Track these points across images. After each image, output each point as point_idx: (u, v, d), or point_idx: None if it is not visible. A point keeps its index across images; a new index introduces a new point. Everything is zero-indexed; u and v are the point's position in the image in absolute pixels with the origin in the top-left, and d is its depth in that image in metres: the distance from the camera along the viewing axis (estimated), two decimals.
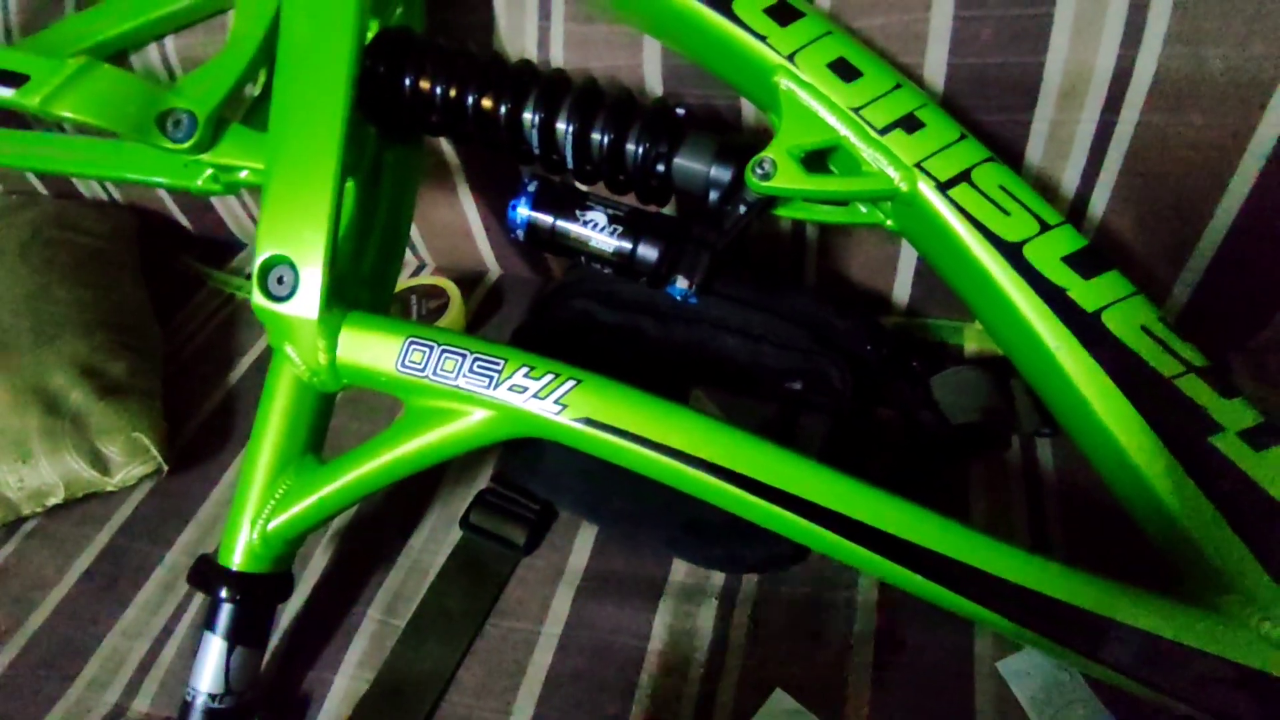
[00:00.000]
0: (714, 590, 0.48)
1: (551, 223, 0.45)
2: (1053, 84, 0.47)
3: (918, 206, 0.41)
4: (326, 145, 0.44)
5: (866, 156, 0.42)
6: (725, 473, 0.39)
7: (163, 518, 0.57)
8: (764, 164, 0.43)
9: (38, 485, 0.55)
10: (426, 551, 0.52)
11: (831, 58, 0.43)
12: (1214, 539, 0.36)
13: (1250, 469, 0.35)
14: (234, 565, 0.44)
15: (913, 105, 0.41)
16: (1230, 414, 0.36)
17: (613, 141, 0.45)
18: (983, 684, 0.42)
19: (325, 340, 0.44)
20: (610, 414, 0.40)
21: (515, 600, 0.49)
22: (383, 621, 0.49)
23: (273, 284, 0.44)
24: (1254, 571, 0.35)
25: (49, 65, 0.46)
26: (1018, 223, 0.39)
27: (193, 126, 0.47)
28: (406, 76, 0.47)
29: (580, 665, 0.46)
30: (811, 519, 0.38)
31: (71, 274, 0.66)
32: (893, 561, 0.37)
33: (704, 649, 0.45)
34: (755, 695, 0.43)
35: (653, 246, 0.44)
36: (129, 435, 0.56)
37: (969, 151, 0.41)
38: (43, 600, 0.53)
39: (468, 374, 0.42)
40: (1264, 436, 0.35)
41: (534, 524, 0.52)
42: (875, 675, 0.43)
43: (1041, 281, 0.39)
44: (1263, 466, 0.35)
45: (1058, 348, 0.39)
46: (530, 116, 0.46)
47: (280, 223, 0.44)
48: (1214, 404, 0.36)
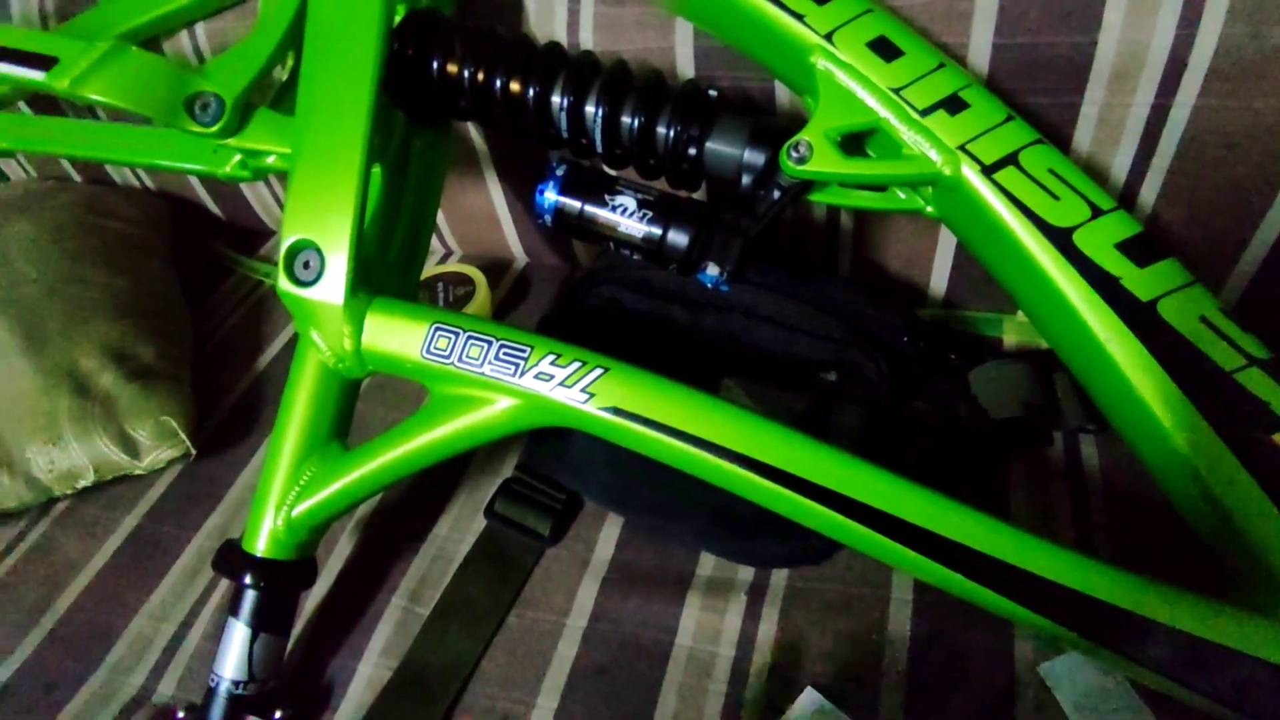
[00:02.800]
0: (743, 585, 0.47)
1: (580, 208, 0.45)
2: (1104, 65, 0.45)
3: (960, 191, 0.40)
4: (353, 129, 0.44)
5: (907, 139, 0.40)
6: (756, 465, 0.38)
7: (190, 502, 0.57)
8: (799, 147, 0.41)
9: (68, 467, 0.55)
10: (451, 540, 0.52)
11: (871, 36, 0.41)
12: (1273, 540, 0.34)
13: None
14: (258, 551, 0.44)
15: (956, 86, 0.40)
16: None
17: (643, 125, 0.44)
18: (1023, 687, 0.41)
19: (351, 326, 0.43)
20: (638, 403, 0.39)
21: (540, 591, 0.49)
22: (407, 609, 0.49)
23: (299, 269, 0.43)
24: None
25: (78, 48, 0.46)
26: (1068, 208, 0.38)
27: (220, 110, 0.47)
28: (434, 60, 0.46)
29: (605, 659, 0.45)
30: (845, 514, 0.37)
31: (103, 259, 0.66)
32: (931, 559, 0.36)
33: (732, 645, 0.44)
34: (785, 693, 0.42)
35: (683, 232, 0.43)
36: (158, 419, 0.56)
37: (1016, 133, 0.39)
38: (71, 581, 0.53)
39: (493, 361, 0.41)
40: None
41: (559, 514, 0.51)
42: (910, 676, 0.42)
43: (1092, 269, 0.37)
44: None
45: (1108, 338, 0.37)
46: (559, 100, 0.45)
47: (306, 207, 0.44)
48: (1277, 399, 0.34)
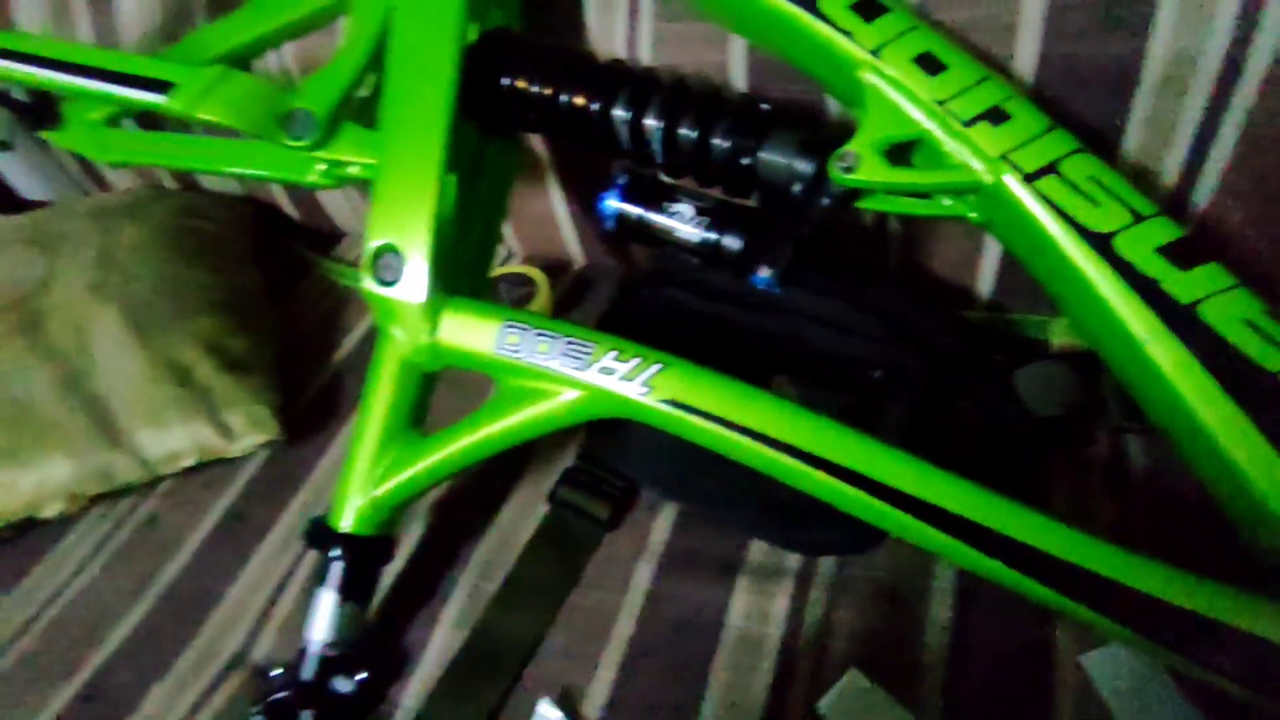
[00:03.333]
0: (791, 571, 0.49)
1: (640, 214, 0.48)
2: (1154, 71, 0.46)
3: (1002, 198, 0.42)
4: (432, 142, 0.48)
5: (950, 149, 0.42)
6: (805, 455, 0.40)
7: (278, 483, 0.62)
8: (847, 157, 0.44)
9: (172, 449, 0.61)
10: (516, 523, 0.56)
11: (916, 52, 0.43)
12: None
13: None
14: (344, 528, 0.49)
15: (999, 97, 0.42)
16: None
17: (700, 136, 0.47)
18: (1063, 676, 0.43)
19: (428, 323, 0.47)
20: (694, 396, 0.43)
21: (599, 572, 0.52)
22: (475, 585, 0.53)
23: (382, 270, 0.48)
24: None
25: (192, 74, 0.51)
26: (1108, 213, 0.39)
27: (312, 125, 0.51)
28: (505, 76, 0.50)
29: (660, 636, 0.48)
30: (893, 504, 0.39)
31: (199, 259, 0.72)
32: (974, 547, 0.38)
33: (780, 627, 0.47)
34: (830, 674, 0.45)
35: (737, 237, 0.46)
36: (250, 407, 0.62)
37: (1057, 143, 0.41)
38: (175, 552, 0.59)
39: (560, 356, 0.45)
40: None
41: (618, 501, 0.54)
42: (951, 661, 0.44)
43: (1132, 273, 0.39)
44: None
45: (1147, 340, 0.38)
46: (621, 113, 0.48)
47: (390, 213, 0.48)
48: None
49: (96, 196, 0.84)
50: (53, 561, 0.59)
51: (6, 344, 0.63)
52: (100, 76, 0.53)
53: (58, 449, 0.59)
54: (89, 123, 0.60)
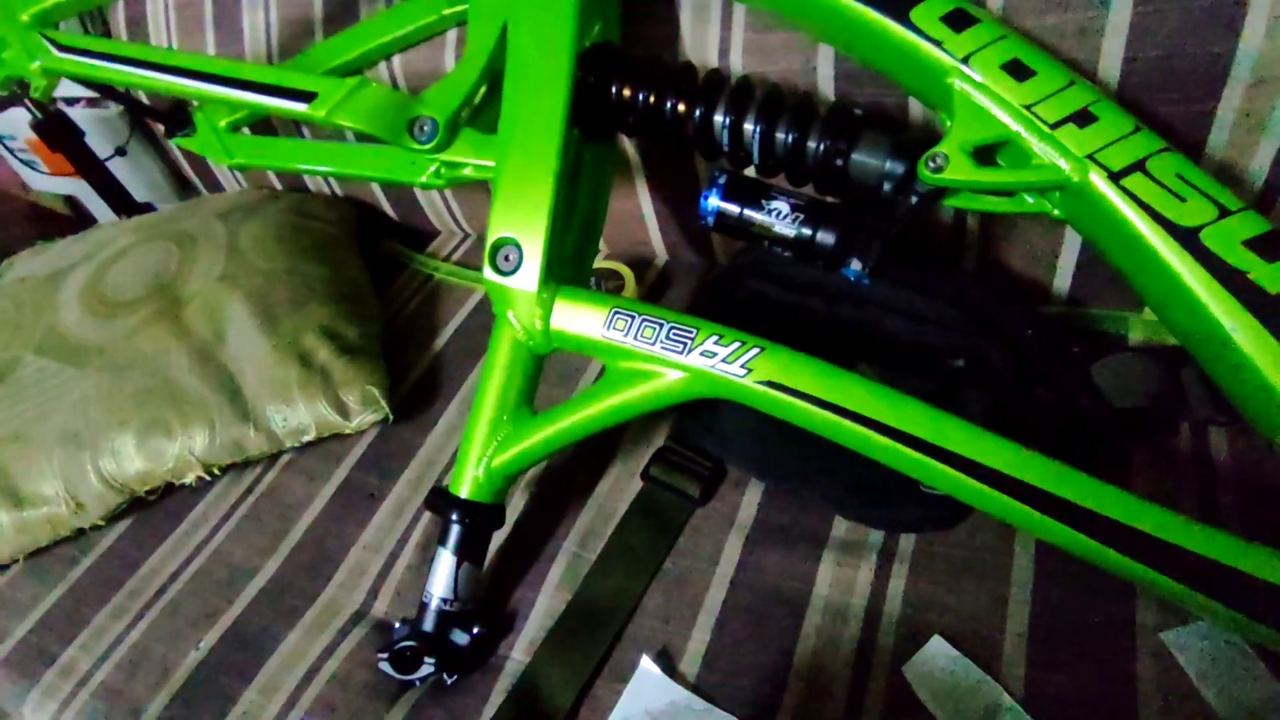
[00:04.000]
0: (874, 546, 0.52)
1: (739, 211, 0.52)
2: (1243, 70, 0.48)
3: (1088, 196, 0.44)
4: (548, 144, 0.52)
5: (1037, 149, 0.45)
6: (899, 434, 0.43)
7: (388, 457, 0.67)
8: (936, 158, 0.47)
9: (296, 424, 0.66)
10: (611, 498, 0.60)
11: (1005, 59, 0.46)
12: None
13: None
14: (462, 494, 0.53)
15: (1086, 100, 0.44)
16: None
17: (796, 139, 0.50)
18: (1144, 651, 0.44)
19: (542, 309, 0.52)
20: (791, 378, 0.46)
21: (691, 543, 0.56)
22: (576, 553, 0.57)
23: (501, 261, 0.52)
24: None
25: (331, 84, 0.57)
26: (1194, 208, 0.41)
27: (435, 130, 0.56)
28: (613, 86, 0.55)
29: (750, 602, 0.52)
30: (986, 481, 0.42)
31: (312, 254, 0.79)
32: (1071, 526, 0.40)
33: (865, 597, 0.50)
34: (914, 642, 0.48)
35: (830, 232, 0.49)
36: (364, 388, 0.67)
37: (1144, 142, 0.43)
38: (299, 517, 0.64)
39: (664, 340, 0.49)
40: None
41: (707, 479, 0.58)
42: (1032, 634, 0.46)
43: (1219, 265, 0.41)
44: None
45: (1235, 329, 0.40)
46: (721, 119, 0.52)
47: (509, 210, 0.52)
48: None
49: (218, 197, 0.92)
50: (191, 522, 0.66)
51: (152, 327, 0.70)
52: (249, 88, 0.59)
53: (198, 422, 0.65)
54: (216, 129, 0.67)
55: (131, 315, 0.72)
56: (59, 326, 0.73)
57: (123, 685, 0.56)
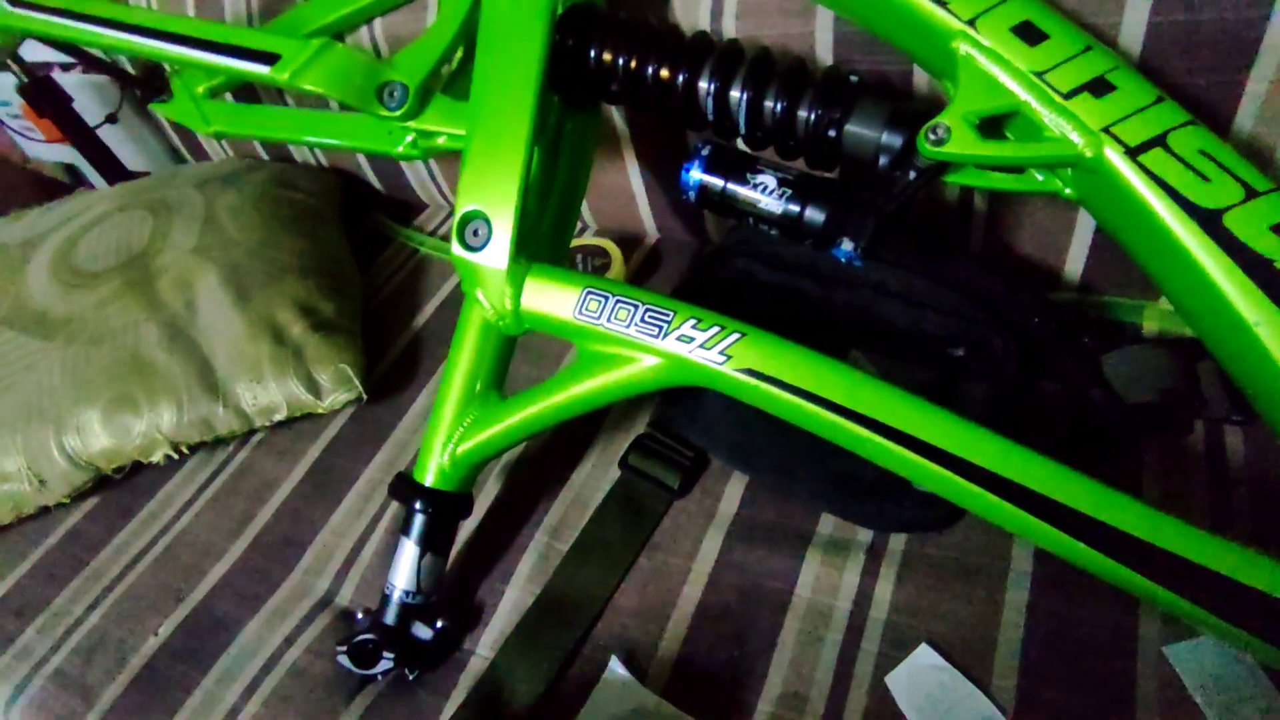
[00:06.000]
0: (862, 545, 0.49)
1: (722, 185, 0.48)
2: (1276, 41, 0.44)
3: (1102, 173, 0.40)
4: (520, 114, 0.49)
5: (1048, 121, 0.41)
6: (883, 428, 0.40)
7: (361, 439, 0.65)
8: (938, 130, 0.43)
9: (267, 403, 0.64)
10: (587, 487, 0.57)
11: (1015, 21, 0.42)
12: None
13: None
14: (427, 482, 0.51)
15: (1103, 68, 0.40)
16: None
17: (785, 109, 0.46)
18: (1145, 666, 0.42)
19: (512, 288, 0.49)
20: (773, 366, 0.43)
21: (668, 538, 0.53)
22: (548, 544, 0.54)
23: (469, 236, 0.49)
24: None
25: (295, 46, 0.53)
26: (1219, 189, 0.37)
27: (405, 96, 0.53)
28: (592, 49, 0.51)
29: (728, 602, 0.49)
30: (978, 482, 0.38)
31: (291, 226, 0.76)
32: (1065, 533, 0.37)
33: (850, 599, 0.47)
34: (900, 649, 0.45)
35: (820, 209, 0.46)
36: (337, 366, 0.65)
37: (1166, 114, 0.39)
38: (269, 498, 0.62)
39: (639, 323, 0.45)
40: None
41: (688, 469, 0.55)
42: (1025, 645, 0.44)
43: (1244, 252, 0.37)
44: None
45: (1258, 323, 0.37)
46: (706, 85, 0.48)
47: (478, 182, 0.49)
48: None
49: (198, 165, 0.89)
50: (159, 502, 0.64)
51: (121, 299, 0.68)
52: (209, 48, 0.56)
53: (167, 399, 0.63)
54: (194, 96, 0.63)
55: (102, 287, 0.70)
56: (27, 297, 0.71)
57: (79, 671, 0.54)
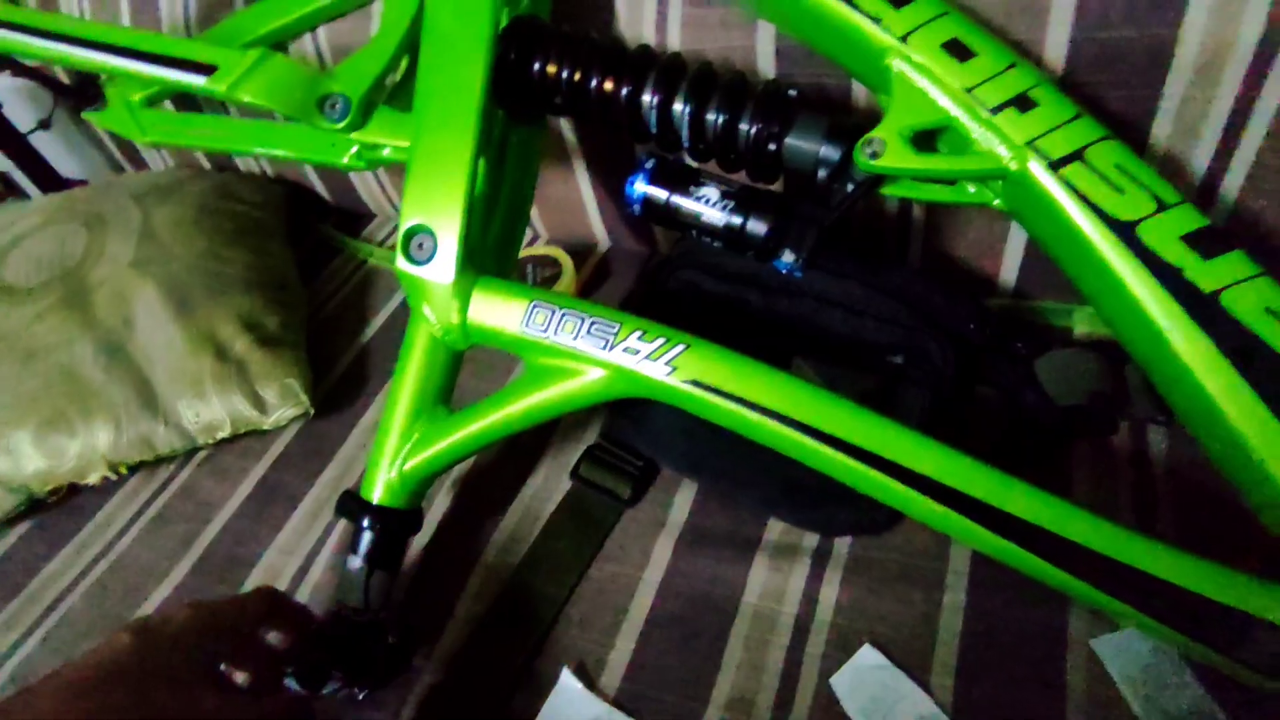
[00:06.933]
0: (808, 550, 0.50)
1: (666, 198, 0.49)
2: (1187, 58, 0.46)
3: (1027, 185, 0.42)
4: (464, 126, 0.49)
5: (976, 136, 0.43)
6: (824, 436, 0.41)
7: (308, 455, 0.64)
8: (873, 144, 0.44)
9: (210, 420, 0.63)
10: (538, 499, 0.57)
11: (945, 38, 0.43)
12: None
13: None
14: (374, 499, 0.50)
15: (1026, 85, 0.42)
16: None
17: (727, 122, 0.47)
18: (1074, 659, 0.43)
19: (458, 301, 0.48)
20: (717, 377, 0.43)
21: (619, 547, 0.53)
22: (498, 558, 0.54)
23: (414, 249, 0.49)
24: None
25: (233, 56, 0.53)
26: (1133, 201, 0.39)
27: (346, 108, 0.52)
28: (535, 62, 0.51)
29: (677, 610, 0.49)
30: (911, 486, 0.39)
31: (234, 239, 0.74)
32: (994, 532, 0.38)
33: (796, 603, 0.48)
34: (843, 651, 0.46)
35: (762, 221, 0.46)
36: (283, 381, 0.64)
37: (1084, 130, 0.41)
38: (213, 518, 0.61)
39: (585, 336, 0.46)
40: None
41: (638, 479, 0.55)
42: (963, 642, 0.45)
43: (1155, 261, 0.39)
44: None
45: (1169, 328, 0.39)
46: (649, 98, 0.49)
47: (423, 195, 0.49)
48: None
49: (137, 175, 0.87)
50: (97, 525, 0.62)
51: (54, 315, 0.66)
52: (145, 59, 0.55)
53: (103, 418, 0.61)
54: (130, 104, 0.62)
55: (33, 303, 0.67)
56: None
57: None
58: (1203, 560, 0.36)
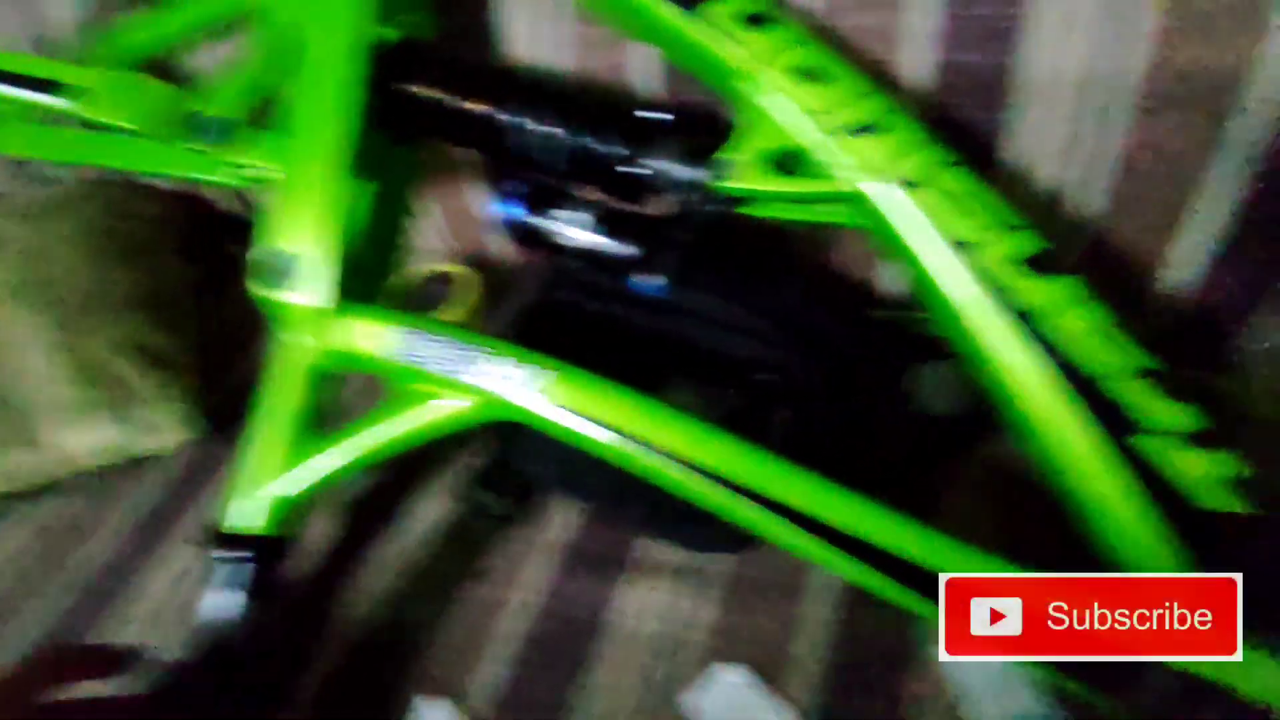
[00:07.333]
0: (679, 568, 0.51)
1: (534, 221, 0.49)
2: (1031, 82, 0.47)
3: (877, 208, 0.43)
4: (335, 148, 0.49)
5: (827, 159, 0.43)
6: (691, 465, 0.41)
7: (202, 478, 0.63)
8: (727, 165, 0.44)
9: (95, 445, 0.61)
10: (419, 521, 0.57)
11: (798, 63, 0.44)
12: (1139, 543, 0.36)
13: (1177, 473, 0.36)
14: (239, 529, 0.49)
15: (878, 110, 0.42)
16: (1171, 417, 0.37)
17: (589, 144, 0.47)
18: (919, 670, 0.44)
19: (326, 328, 0.48)
20: (582, 403, 0.43)
21: (495, 568, 0.53)
22: (374, 583, 0.53)
23: (281, 274, 0.48)
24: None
25: (94, 75, 0.51)
26: (975, 224, 0.40)
27: (214, 129, 0.51)
28: (407, 84, 0.51)
29: (543, 631, 0.49)
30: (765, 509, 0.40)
31: (126, 257, 0.72)
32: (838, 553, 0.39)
33: (662, 622, 0.48)
34: (705, 668, 0.46)
35: (625, 243, 0.47)
36: (172, 404, 0.63)
37: (930, 155, 0.42)
38: (96, 548, 0.59)
39: (454, 362, 0.45)
40: (1199, 441, 0.36)
41: (519, 498, 0.55)
42: (820, 655, 0.45)
43: (993, 282, 0.40)
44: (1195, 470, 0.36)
45: (1003, 349, 0.40)
46: (515, 121, 0.49)
47: (291, 219, 0.48)
48: (1156, 408, 0.37)
49: (27, 193, 0.84)
50: None
51: None
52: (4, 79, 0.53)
53: None
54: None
55: None
56: None
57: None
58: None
